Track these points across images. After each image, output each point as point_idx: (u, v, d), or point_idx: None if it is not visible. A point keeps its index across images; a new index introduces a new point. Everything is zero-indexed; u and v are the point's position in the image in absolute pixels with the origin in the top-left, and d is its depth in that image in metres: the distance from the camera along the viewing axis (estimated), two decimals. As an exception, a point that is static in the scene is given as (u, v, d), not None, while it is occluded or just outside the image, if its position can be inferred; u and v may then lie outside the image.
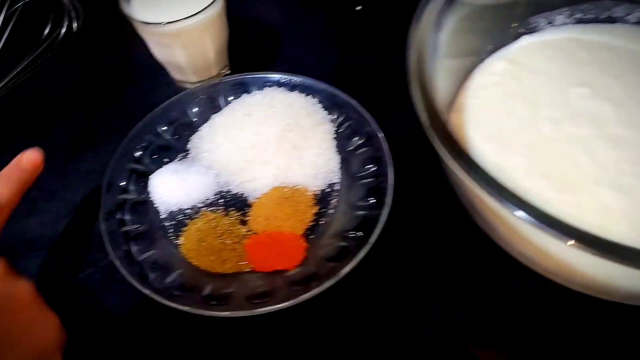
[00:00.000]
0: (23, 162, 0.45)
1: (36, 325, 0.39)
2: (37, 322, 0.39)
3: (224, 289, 0.50)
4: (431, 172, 0.57)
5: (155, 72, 0.73)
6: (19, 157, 0.45)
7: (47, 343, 0.39)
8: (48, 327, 0.39)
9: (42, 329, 0.39)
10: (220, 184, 0.59)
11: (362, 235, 0.51)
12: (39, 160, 0.46)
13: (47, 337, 0.39)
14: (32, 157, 0.45)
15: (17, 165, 0.45)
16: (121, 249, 0.52)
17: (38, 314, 0.39)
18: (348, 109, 0.61)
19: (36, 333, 0.38)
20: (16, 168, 0.44)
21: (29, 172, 0.45)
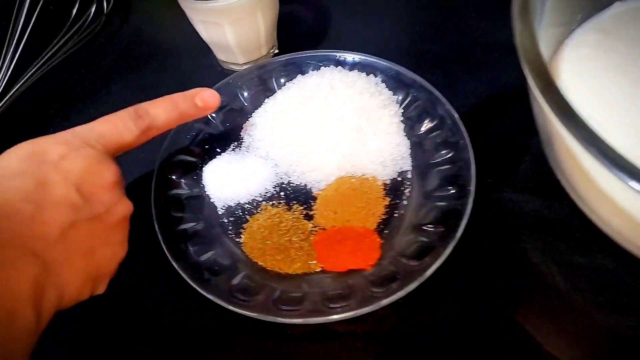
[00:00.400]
0: (197, 97, 0.45)
1: (116, 245, 0.39)
2: (110, 244, 0.38)
3: (294, 291, 0.46)
4: (513, 156, 0.53)
5: (197, 54, 0.67)
6: (197, 90, 0.46)
7: (105, 266, 0.38)
8: (117, 253, 0.39)
9: (110, 254, 0.39)
10: (280, 174, 0.54)
11: (444, 229, 0.46)
12: (214, 104, 0.47)
13: (110, 262, 0.39)
14: (209, 98, 0.46)
15: (191, 97, 0.45)
16: (178, 249, 0.47)
17: (117, 239, 0.39)
18: (415, 89, 0.55)
19: (104, 254, 0.38)
20: (188, 99, 0.45)
21: (196, 110, 0.45)
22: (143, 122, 0.41)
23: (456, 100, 0.55)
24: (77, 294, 0.36)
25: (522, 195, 0.51)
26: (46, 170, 0.35)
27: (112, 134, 0.40)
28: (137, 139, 0.41)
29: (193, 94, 0.45)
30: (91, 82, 0.67)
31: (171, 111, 0.43)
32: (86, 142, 0.38)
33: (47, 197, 0.34)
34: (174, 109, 0.43)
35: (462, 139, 0.50)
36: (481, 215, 0.49)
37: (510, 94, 0.59)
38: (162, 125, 0.43)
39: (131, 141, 0.41)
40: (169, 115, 0.43)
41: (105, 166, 0.38)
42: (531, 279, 0.47)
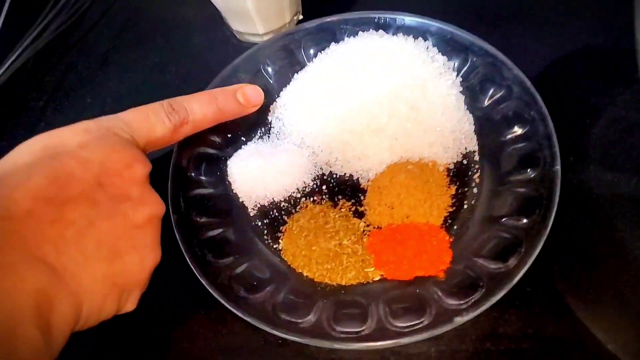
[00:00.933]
0: (240, 94, 0.42)
1: (146, 249, 0.34)
2: (137, 247, 0.33)
3: (351, 307, 0.38)
4: (597, 127, 0.44)
5: (208, 27, 0.58)
6: (238, 86, 0.43)
7: (133, 274, 0.33)
8: (146, 259, 0.34)
9: (138, 259, 0.33)
10: (319, 164, 0.45)
11: (527, 221, 0.38)
12: (258, 101, 0.43)
13: (138, 269, 0.33)
14: (252, 94, 0.43)
15: (232, 93, 0.42)
16: (206, 262, 0.39)
17: (146, 242, 0.34)
18: (474, 52, 0.46)
19: (130, 259, 0.32)
20: (228, 95, 0.42)
21: (237, 106, 0.42)
22: (178, 117, 0.37)
23: (519, 63, 0.46)
24: (99, 307, 0.31)
25: (614, 174, 0.43)
26: (62, 162, 0.30)
27: (142, 125, 0.36)
28: (170, 134, 0.37)
29: (234, 90, 0.42)
30: (85, 66, 0.58)
31: (209, 107, 0.40)
32: (111, 130, 0.34)
33: (61, 192, 0.29)
34: (212, 104, 0.40)
35: (538, 110, 0.41)
36: (566, 201, 0.41)
37: (581, 53, 0.50)
38: (198, 121, 0.39)
39: (163, 136, 0.37)
40: (207, 111, 0.39)
41: (133, 156, 0.34)
42: (635, 277, 0.38)
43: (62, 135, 0.32)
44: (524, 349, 0.37)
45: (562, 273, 0.39)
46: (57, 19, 0.59)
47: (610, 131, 0.45)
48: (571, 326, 0.37)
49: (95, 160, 0.31)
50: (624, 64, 0.48)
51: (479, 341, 0.37)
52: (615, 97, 0.46)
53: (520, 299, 0.38)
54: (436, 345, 0.37)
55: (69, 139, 0.32)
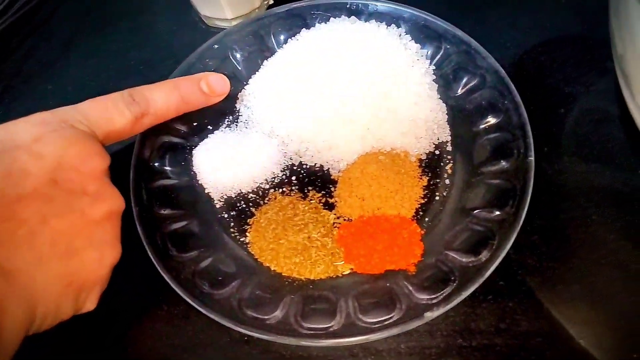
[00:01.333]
0: (204, 83, 0.40)
1: (105, 246, 0.32)
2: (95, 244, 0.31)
3: (320, 302, 0.36)
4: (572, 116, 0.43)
5: (175, 10, 0.56)
6: (202, 75, 0.41)
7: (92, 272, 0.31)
8: (105, 256, 0.32)
9: (97, 256, 0.31)
10: (289, 154, 0.44)
11: (500, 213, 0.37)
12: (223, 90, 0.41)
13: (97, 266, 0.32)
14: (216, 83, 0.41)
15: (195, 82, 0.40)
16: (169, 257, 0.37)
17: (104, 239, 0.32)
18: (448, 40, 0.45)
19: (88, 257, 0.31)
20: (192, 84, 0.40)
21: (201, 96, 0.40)
22: (138, 107, 0.36)
23: (493, 52, 0.45)
24: (55, 308, 0.29)
25: (588, 166, 0.42)
26: (14, 157, 0.29)
27: (100, 116, 0.34)
28: (131, 126, 0.35)
29: (198, 78, 0.40)
30: (46, 52, 0.55)
31: (171, 97, 0.38)
32: (68, 122, 0.32)
33: (13, 189, 0.28)
34: (174, 94, 0.38)
35: (512, 100, 0.40)
36: (540, 192, 0.40)
37: (557, 40, 0.49)
38: (160, 112, 0.37)
39: (123, 128, 0.35)
40: (169, 101, 0.37)
41: (91, 149, 0.32)
42: (610, 270, 0.38)
43: (15, 128, 0.31)
44: (497, 344, 0.36)
45: (536, 266, 0.38)
46: (17, 2, 0.56)
47: (585, 121, 0.44)
48: (544, 321, 0.36)
49: (50, 155, 0.30)
50: (598, 53, 0.47)
51: (451, 337, 0.36)
52: (589, 87, 0.45)
53: (493, 293, 0.38)
54: (406, 341, 0.36)
55: (23, 132, 0.30)
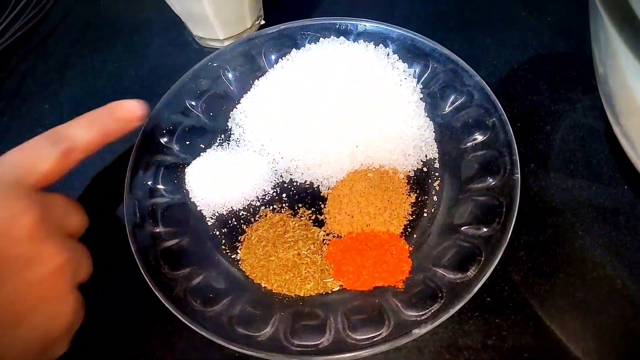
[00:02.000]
0: (118, 110, 0.38)
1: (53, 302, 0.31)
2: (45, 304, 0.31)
3: (309, 318, 0.37)
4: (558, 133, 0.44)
5: (169, 31, 0.57)
6: (117, 103, 0.38)
7: (49, 331, 0.31)
8: (60, 311, 0.32)
9: (50, 314, 0.31)
10: (280, 172, 0.44)
11: (487, 230, 0.37)
12: (138, 114, 0.38)
13: (53, 324, 0.31)
14: (130, 108, 0.38)
15: (110, 111, 0.38)
16: (161, 274, 0.38)
17: (53, 294, 0.31)
18: (435, 59, 0.46)
19: (40, 320, 0.30)
20: (107, 113, 0.37)
21: (119, 123, 0.38)
22: (62, 145, 0.34)
23: (481, 70, 0.46)
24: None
25: (574, 182, 0.43)
26: None
27: (26, 162, 0.33)
28: (58, 165, 0.34)
29: (112, 107, 0.38)
30: (43, 72, 0.56)
31: (91, 129, 0.36)
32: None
33: None
34: (93, 126, 0.36)
35: (499, 117, 0.41)
36: (526, 208, 0.41)
37: (543, 58, 0.50)
38: (85, 146, 0.36)
39: (51, 169, 0.33)
40: (90, 134, 0.36)
41: (16, 207, 0.30)
42: (595, 284, 0.38)
43: None
44: (484, 359, 0.36)
45: (523, 282, 0.39)
46: (16, 23, 0.57)
47: (571, 138, 0.45)
48: (531, 337, 0.37)
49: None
50: (584, 70, 0.48)
51: (439, 353, 0.37)
52: (575, 104, 0.46)
53: (481, 309, 0.38)
54: (395, 358, 0.37)
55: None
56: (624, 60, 0.29)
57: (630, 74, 0.29)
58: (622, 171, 0.42)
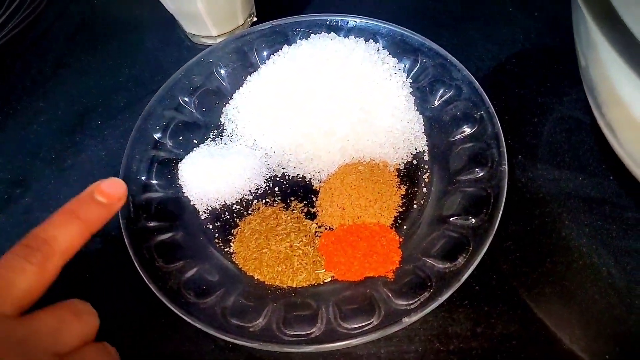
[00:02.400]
0: (96, 193, 0.34)
1: None
2: None
3: (301, 309, 0.37)
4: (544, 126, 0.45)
5: (162, 29, 0.58)
6: (93, 187, 0.34)
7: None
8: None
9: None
10: (272, 166, 0.45)
11: (476, 220, 0.38)
12: (120, 192, 0.35)
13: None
14: (110, 189, 0.35)
15: (88, 198, 0.34)
16: (155, 267, 0.38)
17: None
18: (424, 54, 0.47)
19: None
20: (85, 201, 0.34)
21: (101, 210, 0.34)
22: (39, 254, 0.30)
23: (470, 63, 0.47)
24: None
25: (560, 173, 0.43)
26: None
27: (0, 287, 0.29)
28: (40, 278, 0.30)
29: (89, 192, 0.34)
30: (38, 70, 0.57)
31: (71, 226, 0.32)
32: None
33: None
34: (72, 221, 0.32)
35: (486, 110, 0.42)
36: (514, 199, 0.42)
37: (530, 53, 0.51)
38: (66, 247, 0.31)
39: (33, 283, 0.30)
40: (70, 231, 0.32)
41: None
42: (581, 273, 0.39)
43: None
44: (473, 348, 0.37)
45: (511, 271, 0.39)
46: (10, 22, 0.57)
47: (557, 130, 0.45)
48: (519, 324, 0.38)
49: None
50: (570, 64, 0.48)
51: (429, 341, 0.38)
52: (561, 97, 0.47)
53: (469, 298, 0.39)
54: (386, 346, 0.38)
55: None
56: (603, 51, 0.30)
57: (610, 65, 0.30)
58: (608, 162, 0.43)
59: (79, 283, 0.41)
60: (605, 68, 0.30)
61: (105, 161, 0.48)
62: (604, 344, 0.36)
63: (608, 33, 0.26)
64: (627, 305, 0.37)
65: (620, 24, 0.26)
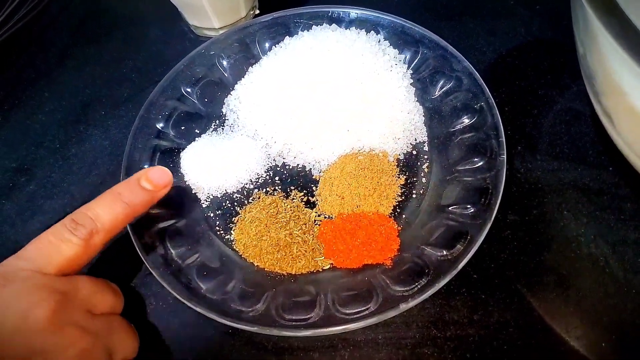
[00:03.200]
0: (142, 179, 0.37)
1: None
2: None
3: (300, 296, 0.38)
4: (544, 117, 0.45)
5: (166, 21, 0.58)
6: (140, 173, 0.38)
7: None
8: None
9: None
10: (272, 156, 0.45)
11: (474, 210, 0.38)
12: (165, 183, 0.38)
13: None
14: (156, 176, 0.38)
15: (135, 183, 0.37)
16: (157, 254, 0.39)
17: None
18: (425, 45, 0.47)
19: None
20: (132, 186, 0.37)
21: (145, 195, 0.37)
22: (84, 230, 0.34)
23: (471, 56, 0.47)
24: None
25: (560, 163, 0.44)
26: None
27: (46, 253, 0.32)
28: (83, 250, 0.33)
29: (137, 178, 0.37)
30: (43, 61, 0.57)
31: (115, 207, 0.35)
32: (8, 278, 0.31)
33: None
34: (117, 203, 0.35)
35: (486, 101, 0.42)
36: (513, 189, 0.42)
37: (531, 45, 0.51)
38: (109, 226, 0.35)
39: (76, 255, 0.33)
40: (114, 211, 0.35)
41: (28, 301, 0.30)
42: (579, 262, 0.39)
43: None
44: (470, 335, 0.37)
45: (508, 260, 0.40)
46: (16, 14, 0.58)
47: (557, 121, 0.46)
48: (516, 312, 0.38)
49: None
50: (570, 56, 0.49)
51: (426, 328, 0.38)
52: (562, 89, 0.47)
53: (467, 286, 0.39)
54: (384, 332, 0.38)
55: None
56: (601, 39, 0.30)
57: (608, 53, 0.30)
58: (607, 154, 0.43)
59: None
60: (603, 55, 0.31)
61: (109, 150, 0.48)
62: (600, 332, 0.37)
63: (606, 20, 0.26)
64: (624, 294, 0.38)
65: (618, 10, 0.26)
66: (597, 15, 0.27)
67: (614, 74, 0.31)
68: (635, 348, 0.36)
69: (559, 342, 0.36)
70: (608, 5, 0.27)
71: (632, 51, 0.25)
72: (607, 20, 0.27)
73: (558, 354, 0.36)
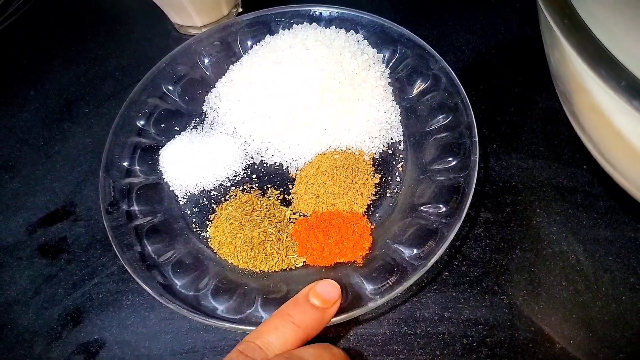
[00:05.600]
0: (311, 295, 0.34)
1: None
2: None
3: (274, 292, 0.38)
4: (520, 116, 0.45)
5: (150, 19, 0.59)
6: (308, 289, 0.34)
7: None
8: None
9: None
10: (250, 154, 0.46)
11: (446, 209, 0.39)
12: (335, 297, 0.34)
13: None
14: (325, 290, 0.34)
15: (303, 301, 0.33)
16: (133, 250, 0.39)
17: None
18: (403, 44, 0.47)
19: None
20: (301, 305, 0.33)
21: (318, 313, 0.33)
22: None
23: (449, 55, 0.47)
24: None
25: (534, 162, 0.44)
26: None
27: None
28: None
29: (304, 294, 0.34)
30: (29, 59, 0.58)
31: (286, 331, 0.32)
32: None
33: None
34: (287, 326, 0.32)
35: (461, 101, 0.43)
36: (487, 188, 0.42)
37: (510, 44, 0.51)
38: (280, 351, 0.31)
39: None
40: (285, 336, 0.32)
41: None
42: (550, 260, 0.40)
43: None
44: (440, 332, 0.38)
45: (480, 258, 0.40)
46: (3, 14, 0.59)
47: (533, 120, 0.46)
48: (487, 309, 0.38)
49: None
50: (547, 55, 0.49)
51: (397, 324, 0.38)
52: (539, 88, 0.47)
53: (438, 283, 0.40)
54: (355, 328, 0.38)
55: None
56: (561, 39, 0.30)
57: (569, 52, 0.30)
58: (582, 152, 0.43)
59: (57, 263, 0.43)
60: (565, 56, 0.31)
61: (91, 148, 0.49)
62: (569, 329, 0.37)
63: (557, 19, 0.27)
64: (594, 292, 0.38)
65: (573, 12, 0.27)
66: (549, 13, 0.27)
67: (575, 73, 0.31)
68: (604, 344, 0.36)
69: (528, 339, 0.37)
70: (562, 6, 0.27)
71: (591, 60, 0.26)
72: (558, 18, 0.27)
73: (527, 351, 0.36)
